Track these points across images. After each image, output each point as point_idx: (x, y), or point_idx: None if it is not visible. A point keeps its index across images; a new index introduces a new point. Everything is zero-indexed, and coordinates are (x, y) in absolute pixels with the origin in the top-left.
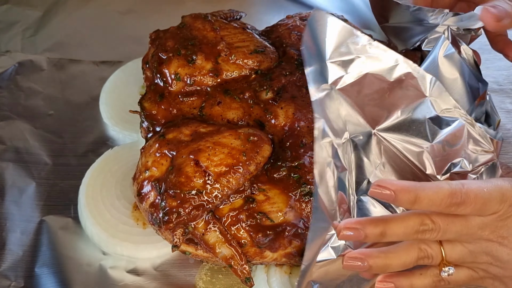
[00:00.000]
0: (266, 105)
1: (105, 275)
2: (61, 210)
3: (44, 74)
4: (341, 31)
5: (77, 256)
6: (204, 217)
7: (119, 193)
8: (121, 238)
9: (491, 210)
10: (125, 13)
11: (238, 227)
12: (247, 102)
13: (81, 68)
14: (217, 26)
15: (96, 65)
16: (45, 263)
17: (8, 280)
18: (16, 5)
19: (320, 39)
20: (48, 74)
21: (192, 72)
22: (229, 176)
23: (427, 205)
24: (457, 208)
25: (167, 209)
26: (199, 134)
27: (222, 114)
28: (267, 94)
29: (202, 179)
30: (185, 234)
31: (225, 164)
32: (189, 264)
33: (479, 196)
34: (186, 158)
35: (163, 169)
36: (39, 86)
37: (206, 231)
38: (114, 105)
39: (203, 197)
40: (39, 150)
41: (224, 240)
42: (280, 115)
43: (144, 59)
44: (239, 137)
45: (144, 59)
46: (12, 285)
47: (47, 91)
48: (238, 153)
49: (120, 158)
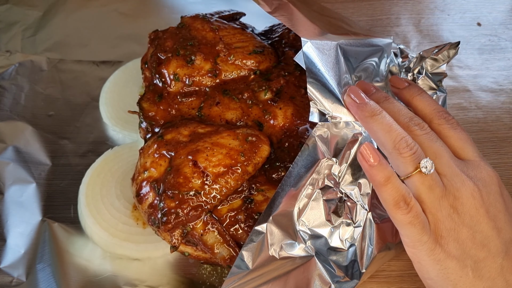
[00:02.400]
0: (265, 106)
1: (105, 274)
2: (61, 210)
3: (44, 74)
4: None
5: (77, 256)
6: (203, 218)
7: (119, 193)
8: (121, 237)
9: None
10: (125, 13)
11: (237, 228)
12: (245, 102)
13: (81, 68)
14: (216, 26)
15: (96, 65)
16: (46, 261)
17: (10, 276)
18: (16, 5)
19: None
20: (48, 74)
21: (191, 72)
22: (227, 177)
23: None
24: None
25: (165, 210)
26: (197, 134)
27: (220, 115)
28: (266, 95)
29: (200, 179)
30: (183, 234)
31: (223, 165)
32: (188, 264)
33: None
34: (184, 159)
35: (162, 170)
36: (39, 86)
37: (204, 231)
38: (114, 105)
39: (201, 198)
40: (39, 150)
41: (223, 241)
42: (278, 115)
43: (143, 59)
44: (237, 138)
45: (143, 59)
46: (14, 281)
47: (47, 91)
48: (236, 154)
49: (120, 158)
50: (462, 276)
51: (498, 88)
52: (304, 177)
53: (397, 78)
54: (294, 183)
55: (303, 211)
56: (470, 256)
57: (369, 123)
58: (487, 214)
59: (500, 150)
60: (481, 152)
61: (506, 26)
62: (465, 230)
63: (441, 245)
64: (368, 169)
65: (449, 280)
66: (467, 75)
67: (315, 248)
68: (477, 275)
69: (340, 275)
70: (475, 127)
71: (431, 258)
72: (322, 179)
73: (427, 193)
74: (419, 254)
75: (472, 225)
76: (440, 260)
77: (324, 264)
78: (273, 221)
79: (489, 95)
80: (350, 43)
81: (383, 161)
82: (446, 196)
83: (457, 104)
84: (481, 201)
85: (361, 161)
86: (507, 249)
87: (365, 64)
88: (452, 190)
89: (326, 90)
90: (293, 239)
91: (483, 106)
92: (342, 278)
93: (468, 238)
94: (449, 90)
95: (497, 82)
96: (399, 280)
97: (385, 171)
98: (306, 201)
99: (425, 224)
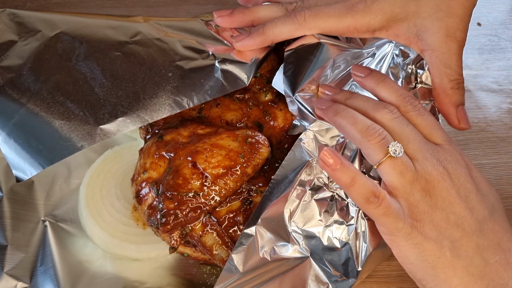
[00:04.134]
0: (265, 107)
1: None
2: (61, 210)
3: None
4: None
5: (77, 256)
6: (202, 219)
7: (119, 193)
8: (121, 238)
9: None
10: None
11: (236, 229)
12: (246, 103)
13: None
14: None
15: None
16: (47, 263)
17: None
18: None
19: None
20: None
21: None
22: (227, 178)
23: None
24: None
25: (164, 211)
26: (197, 135)
27: (221, 116)
28: (266, 96)
29: (199, 181)
30: (182, 236)
31: (222, 166)
32: (189, 264)
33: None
34: (183, 160)
35: (161, 170)
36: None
37: (203, 233)
38: None
39: (200, 199)
40: None
41: (221, 242)
42: (279, 116)
43: None
44: (236, 139)
45: None
46: (18, 285)
47: None
48: (236, 155)
49: (120, 158)
50: (440, 257)
51: (498, 88)
52: (293, 179)
53: (359, 66)
54: (282, 186)
55: (294, 212)
56: (446, 237)
57: (336, 121)
58: (458, 195)
59: (500, 150)
60: (481, 152)
61: (506, 26)
62: (439, 212)
63: (417, 229)
64: (331, 173)
65: (428, 262)
66: (467, 75)
67: (309, 248)
68: (455, 255)
69: (336, 274)
70: (475, 127)
71: (408, 243)
72: (312, 180)
73: (399, 178)
74: (397, 240)
75: (444, 206)
76: (418, 244)
77: (319, 264)
78: (262, 223)
79: (489, 95)
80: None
81: (345, 162)
82: (418, 180)
83: None
84: (451, 183)
85: (323, 167)
86: (481, 228)
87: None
88: (424, 174)
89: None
90: (286, 241)
91: (483, 106)
92: (339, 277)
93: (442, 220)
94: None
95: (497, 82)
96: (399, 280)
97: (348, 171)
98: (297, 202)
99: (398, 211)
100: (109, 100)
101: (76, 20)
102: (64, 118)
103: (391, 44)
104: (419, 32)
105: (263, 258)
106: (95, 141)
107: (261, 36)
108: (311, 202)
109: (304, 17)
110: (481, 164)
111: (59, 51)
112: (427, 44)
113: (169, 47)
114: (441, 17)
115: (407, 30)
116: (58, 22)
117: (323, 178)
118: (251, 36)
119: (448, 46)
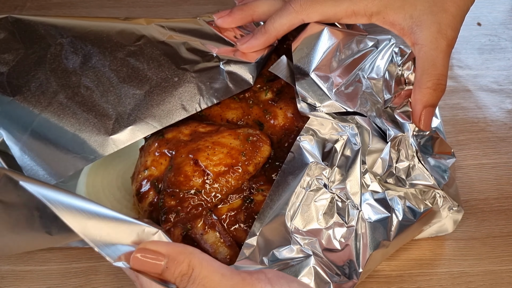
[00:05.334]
0: (266, 106)
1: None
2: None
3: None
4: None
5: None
6: (203, 217)
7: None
8: None
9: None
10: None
11: (237, 227)
12: (246, 102)
13: None
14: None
15: None
16: None
17: None
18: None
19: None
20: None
21: None
22: (228, 176)
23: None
24: None
25: (165, 208)
26: (198, 133)
27: (221, 114)
28: (267, 95)
29: (201, 178)
30: (183, 233)
31: (224, 164)
32: None
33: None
34: (185, 158)
35: (162, 168)
36: None
37: (204, 231)
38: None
39: (202, 197)
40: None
41: (223, 240)
42: (279, 115)
43: None
44: (238, 137)
45: None
46: None
47: None
48: (237, 153)
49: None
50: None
51: (498, 88)
52: (293, 183)
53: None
54: (282, 190)
55: (295, 215)
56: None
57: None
58: None
59: (500, 150)
60: (481, 152)
61: (506, 26)
62: None
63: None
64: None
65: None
66: (467, 75)
67: (310, 250)
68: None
69: (337, 275)
70: (475, 127)
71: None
72: (312, 182)
73: None
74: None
75: None
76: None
77: (321, 265)
78: (264, 232)
79: (489, 95)
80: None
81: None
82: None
83: (457, 104)
84: None
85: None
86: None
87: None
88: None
89: (314, 83)
90: (288, 244)
91: (483, 106)
92: (340, 278)
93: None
94: (449, 90)
95: (497, 82)
96: (399, 280)
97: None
98: (297, 205)
99: None
100: (117, 109)
101: (78, 25)
102: (76, 130)
103: (393, 41)
104: (414, 25)
105: (264, 264)
106: (106, 152)
107: (265, 35)
108: (311, 204)
109: (300, 4)
110: (481, 164)
111: (64, 61)
112: (418, 38)
113: (173, 50)
114: (435, 11)
115: (403, 21)
116: (61, 28)
117: (323, 180)
118: (255, 37)
119: (437, 42)
